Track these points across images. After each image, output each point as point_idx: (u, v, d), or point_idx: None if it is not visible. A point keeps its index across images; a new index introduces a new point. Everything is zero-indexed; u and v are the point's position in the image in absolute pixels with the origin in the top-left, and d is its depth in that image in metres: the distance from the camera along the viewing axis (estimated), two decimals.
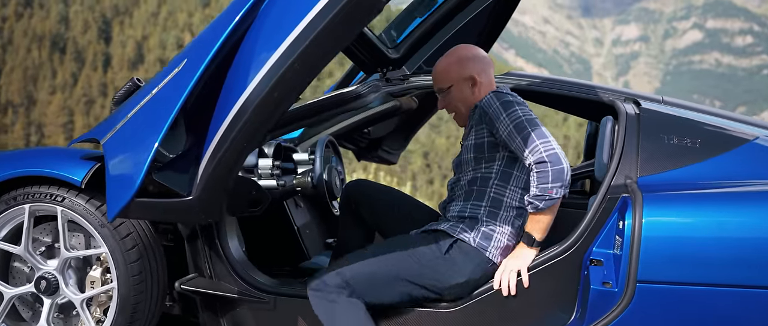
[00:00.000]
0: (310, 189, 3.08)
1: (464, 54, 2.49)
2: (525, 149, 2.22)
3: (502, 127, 2.28)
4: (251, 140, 1.99)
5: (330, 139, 3.28)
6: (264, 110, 1.95)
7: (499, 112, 2.30)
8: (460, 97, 2.48)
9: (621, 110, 2.50)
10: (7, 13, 62.18)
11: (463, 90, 2.46)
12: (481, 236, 2.33)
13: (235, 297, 2.48)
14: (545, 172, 2.20)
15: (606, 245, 2.22)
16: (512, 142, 2.26)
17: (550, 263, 2.30)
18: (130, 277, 2.39)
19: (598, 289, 2.16)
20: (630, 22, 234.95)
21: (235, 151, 2.01)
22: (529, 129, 2.23)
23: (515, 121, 2.26)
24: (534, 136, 2.21)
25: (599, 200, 2.29)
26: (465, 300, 2.34)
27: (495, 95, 2.35)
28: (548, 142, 2.21)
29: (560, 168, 2.19)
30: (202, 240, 2.52)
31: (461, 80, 2.46)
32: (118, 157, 2.13)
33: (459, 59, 2.48)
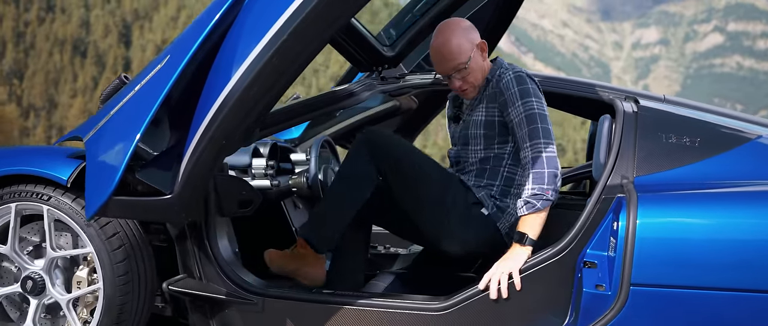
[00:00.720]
0: (305, 189, 3.04)
1: (462, 25, 2.46)
2: (528, 142, 2.27)
3: (515, 113, 2.32)
4: (230, 137, 1.95)
5: (327, 139, 3.23)
6: (242, 107, 1.91)
7: (516, 98, 2.32)
8: (478, 68, 2.44)
9: (619, 108, 2.44)
10: (30, 17, 62.97)
11: (477, 59, 2.43)
12: (496, 207, 2.40)
13: (223, 299, 2.44)
14: (542, 174, 2.26)
15: (600, 247, 2.15)
16: (519, 130, 2.30)
17: (544, 265, 2.24)
18: (116, 277, 2.35)
19: (591, 292, 2.09)
20: (650, 25, 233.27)
21: (213, 149, 1.97)
22: (538, 124, 2.28)
23: (529, 111, 2.30)
24: (541, 134, 2.27)
25: (594, 201, 2.22)
26: (457, 302, 2.28)
27: (516, 78, 2.34)
28: (551, 144, 2.28)
29: (555, 172, 2.27)
30: (191, 240, 2.48)
31: (474, 50, 2.42)
32: (98, 154, 2.10)
33: (463, 30, 2.43)
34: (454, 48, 2.41)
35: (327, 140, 3.24)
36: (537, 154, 2.25)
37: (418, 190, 2.36)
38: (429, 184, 2.36)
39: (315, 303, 2.40)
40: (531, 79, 2.38)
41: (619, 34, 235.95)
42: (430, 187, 2.36)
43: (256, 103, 1.92)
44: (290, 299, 2.41)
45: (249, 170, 3.01)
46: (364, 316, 2.35)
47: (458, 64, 2.41)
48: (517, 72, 2.37)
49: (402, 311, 2.32)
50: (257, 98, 1.91)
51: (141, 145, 2.17)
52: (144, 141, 2.17)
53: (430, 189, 2.36)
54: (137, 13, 70.51)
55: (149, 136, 2.16)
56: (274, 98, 1.98)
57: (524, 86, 2.33)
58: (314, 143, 3.07)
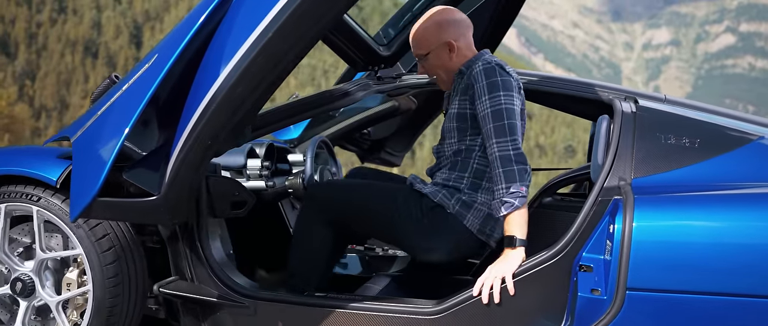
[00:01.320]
0: (301, 191, 3.00)
1: (441, 18, 2.41)
2: (493, 139, 2.21)
3: (481, 108, 2.26)
4: (216, 138, 1.92)
5: (323, 139, 3.19)
6: (227, 106, 1.88)
7: (483, 92, 2.25)
8: (438, 64, 2.42)
9: (617, 108, 2.39)
10: (42, 19, 63.38)
11: (440, 56, 2.41)
12: (461, 204, 2.33)
13: (215, 301, 2.41)
14: (513, 171, 2.20)
15: (596, 250, 2.10)
16: (484, 125, 2.24)
17: (539, 268, 2.19)
18: (106, 279, 2.32)
19: (586, 297, 2.04)
20: (661, 26, 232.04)
21: (199, 149, 1.94)
22: (504, 120, 2.21)
23: (495, 106, 2.23)
24: (507, 130, 2.20)
25: (590, 203, 2.18)
26: (450, 306, 2.24)
27: (485, 71, 2.27)
28: (517, 140, 2.22)
29: (525, 168, 2.22)
30: (183, 242, 2.45)
31: (439, 46, 2.40)
32: (84, 155, 2.07)
33: (436, 24, 2.40)
34: (418, 36, 2.42)
35: (324, 140, 3.20)
36: (504, 152, 2.20)
37: (371, 224, 2.42)
38: (376, 215, 2.38)
39: (307, 307, 2.36)
40: (502, 71, 2.29)
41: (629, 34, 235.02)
42: (378, 217, 2.38)
43: (242, 103, 1.89)
44: (282, 302, 2.37)
45: (244, 171, 2.98)
46: (357, 319, 2.31)
47: (418, 52, 2.44)
48: (486, 64, 2.29)
49: (394, 315, 2.28)
50: (243, 97, 1.87)
51: (129, 145, 2.14)
52: (132, 141, 2.14)
53: (379, 218, 2.38)
54: (148, 14, 70.85)
55: (138, 135, 2.14)
56: (262, 98, 1.94)
57: (492, 79, 2.26)
58: (310, 143, 3.03)
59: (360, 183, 2.54)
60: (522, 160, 2.22)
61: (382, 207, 2.37)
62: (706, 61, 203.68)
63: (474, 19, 3.21)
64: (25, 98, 56.17)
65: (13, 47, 60.49)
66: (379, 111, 3.51)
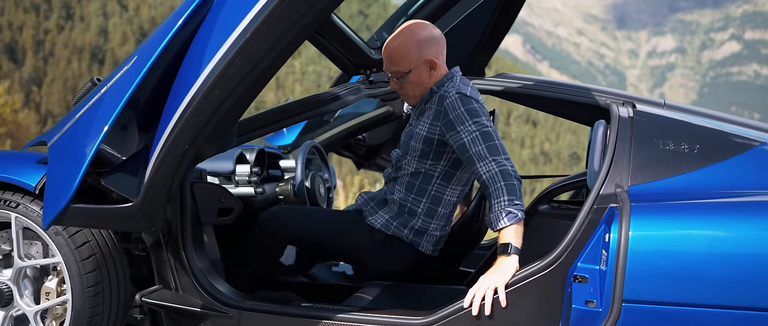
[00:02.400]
0: (292, 197, 2.93)
1: (421, 35, 2.37)
2: (489, 157, 2.20)
3: (466, 132, 2.24)
4: (194, 142, 1.85)
5: (315, 144, 3.12)
6: (205, 110, 1.81)
7: (465, 118, 2.25)
8: (417, 81, 2.38)
9: (614, 113, 2.31)
10: (49, 25, 63.62)
11: (421, 74, 2.37)
12: (414, 233, 2.42)
13: (198, 311, 2.34)
14: (513, 185, 2.19)
15: (591, 260, 2.02)
16: (474, 146, 2.22)
17: (533, 279, 2.12)
18: (85, 288, 2.25)
19: (580, 309, 1.96)
20: (666, 33, 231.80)
21: (177, 153, 1.87)
22: (495, 141, 2.23)
23: (483, 129, 2.24)
24: (500, 149, 2.22)
25: (585, 211, 2.10)
26: (441, 317, 2.16)
27: (460, 99, 2.27)
28: (509, 158, 2.23)
29: (521, 183, 2.24)
30: (167, 250, 2.38)
31: (421, 64, 2.36)
32: (59, 159, 2.00)
33: (418, 41, 2.36)
34: (400, 54, 2.36)
35: (315, 146, 3.13)
36: (504, 167, 2.20)
37: (323, 252, 2.62)
38: (328, 245, 2.52)
39: (293, 317, 2.28)
40: (473, 99, 2.30)
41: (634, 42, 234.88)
42: (331, 247, 2.53)
43: (219, 106, 1.82)
44: (268, 313, 2.29)
45: (232, 177, 2.91)
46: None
47: (398, 70, 2.38)
48: (459, 92, 2.29)
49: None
50: (220, 101, 1.80)
51: (108, 150, 2.08)
52: (112, 145, 2.07)
53: (331, 248, 2.53)
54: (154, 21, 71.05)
55: (118, 139, 2.07)
56: (240, 103, 1.87)
57: (470, 106, 2.27)
58: (301, 149, 2.96)
59: (310, 213, 2.61)
60: (519, 177, 2.23)
61: (333, 238, 2.48)
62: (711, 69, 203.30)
63: (472, 20, 3.15)
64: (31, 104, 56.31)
65: (20, 54, 60.71)
66: (373, 116, 3.44)
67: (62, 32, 64.05)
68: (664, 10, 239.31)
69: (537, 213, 2.70)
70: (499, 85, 2.73)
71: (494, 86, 2.73)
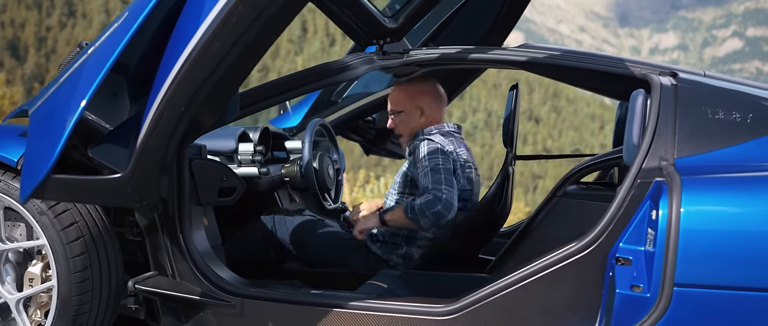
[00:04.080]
0: (298, 179, 2.74)
1: (420, 88, 2.69)
2: (430, 184, 2.40)
3: (420, 168, 2.48)
4: (191, 104, 1.64)
5: (322, 122, 2.91)
6: (204, 65, 1.60)
7: (424, 158, 2.48)
8: (404, 123, 2.68)
9: (655, 82, 2.10)
10: (52, 22, 63.48)
11: (410, 117, 2.67)
12: (402, 258, 2.60)
13: (197, 299, 2.14)
14: (433, 203, 2.37)
15: (635, 240, 1.82)
16: (424, 178, 2.44)
17: (568, 262, 1.91)
18: (72, 274, 2.05)
19: (625, 294, 1.75)
20: (668, 30, 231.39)
21: (172, 117, 1.66)
22: (442, 175, 2.42)
23: (433, 164, 2.45)
24: (442, 180, 2.40)
25: (627, 186, 1.89)
26: (465, 305, 1.96)
27: (427, 142, 2.54)
28: (451, 191, 2.39)
29: (443, 213, 2.37)
30: (163, 233, 2.17)
31: (412, 109, 2.67)
32: (40, 128, 1.79)
33: (414, 91, 2.68)
34: (395, 96, 2.70)
35: (323, 124, 2.92)
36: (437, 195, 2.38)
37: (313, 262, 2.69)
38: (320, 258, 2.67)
39: (301, 305, 2.09)
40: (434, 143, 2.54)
41: (636, 39, 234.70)
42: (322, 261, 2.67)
43: (221, 62, 1.61)
44: (273, 300, 2.10)
45: (235, 156, 2.71)
46: (359, 320, 2.04)
47: (392, 108, 2.71)
48: (425, 138, 2.57)
49: (402, 315, 2.02)
50: (222, 55, 1.60)
51: (96, 119, 1.87)
52: (100, 113, 1.86)
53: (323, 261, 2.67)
54: None
55: (107, 107, 1.87)
56: (244, 57, 1.65)
57: (431, 148, 2.51)
58: (308, 127, 2.75)
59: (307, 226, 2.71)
60: (448, 207, 2.37)
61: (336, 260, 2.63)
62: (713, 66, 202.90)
63: (478, 16, 2.96)
64: None
65: (22, 50, 60.56)
66: (384, 95, 3.23)
67: (64, 29, 63.92)
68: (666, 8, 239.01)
69: (565, 195, 2.49)
70: (522, 56, 2.51)
71: (518, 56, 2.51)
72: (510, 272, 2.51)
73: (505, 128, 2.71)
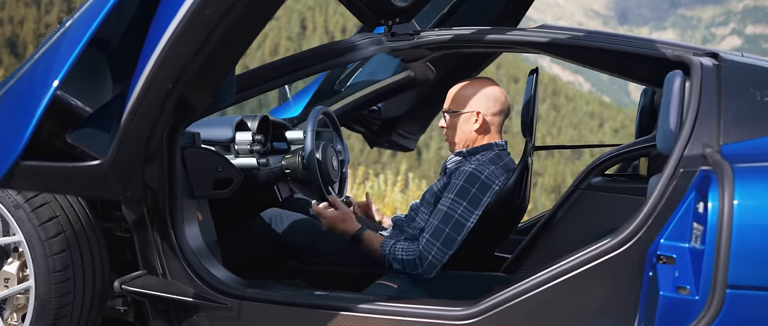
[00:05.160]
0: (300, 171, 2.54)
1: (482, 89, 2.34)
2: (428, 234, 2.13)
3: (445, 197, 2.18)
4: (178, 81, 1.45)
5: (326, 110, 2.72)
6: (193, 34, 1.42)
7: (455, 188, 2.17)
8: (457, 128, 2.32)
9: (694, 62, 1.91)
10: (51, 20, 63.39)
11: (465, 122, 2.32)
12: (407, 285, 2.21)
13: (190, 301, 1.96)
14: (414, 263, 2.12)
15: (679, 236, 1.63)
16: (434, 216, 2.17)
17: (601, 261, 1.72)
18: (51, 273, 1.86)
19: (670, 297, 1.56)
20: (667, 28, 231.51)
21: (158, 95, 1.47)
22: (448, 229, 2.13)
23: (454, 205, 2.15)
24: (445, 236, 2.12)
25: (667, 176, 1.70)
26: (488, 307, 1.78)
27: (469, 175, 2.19)
28: (443, 254, 2.12)
29: (420, 274, 2.13)
30: (153, 228, 1.99)
31: (470, 113, 2.31)
32: (10, 110, 1.60)
33: (477, 92, 2.32)
34: (455, 93, 2.35)
35: (326, 112, 2.72)
36: (425, 253, 2.11)
37: None
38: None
39: (304, 308, 1.91)
40: (482, 185, 2.20)
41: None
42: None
43: (211, 32, 1.44)
44: (273, 302, 1.93)
45: (232, 146, 2.53)
46: (370, 324, 1.85)
47: (448, 106, 2.36)
48: (474, 169, 2.21)
49: (417, 319, 1.84)
50: (212, 23, 1.41)
51: (75, 101, 1.67)
52: (80, 95, 1.67)
53: None
54: None
55: (87, 88, 1.67)
56: (238, 28, 1.46)
57: (467, 187, 2.18)
58: (310, 115, 2.56)
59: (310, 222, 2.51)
60: (428, 270, 2.12)
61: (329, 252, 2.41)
62: None
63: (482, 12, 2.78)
64: None
65: (21, 48, 60.44)
66: (391, 83, 3.04)
67: None
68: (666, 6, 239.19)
69: (589, 187, 2.30)
70: (544, 37, 2.32)
71: (539, 37, 2.32)
72: (528, 271, 2.33)
73: (523, 116, 2.52)
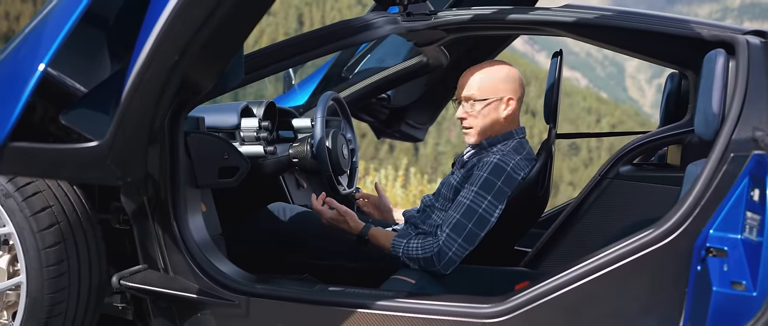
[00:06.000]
0: (309, 160, 2.41)
1: (508, 73, 2.15)
2: (448, 228, 1.99)
3: (467, 189, 2.04)
4: (185, 52, 1.31)
5: (336, 96, 2.57)
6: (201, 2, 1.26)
7: (477, 182, 2.02)
8: (486, 117, 2.11)
9: (740, 41, 1.79)
10: None
11: (493, 110, 2.12)
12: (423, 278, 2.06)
13: (195, 298, 1.83)
14: (431, 260, 1.98)
15: (730, 227, 1.50)
16: (454, 209, 2.02)
17: (642, 254, 1.59)
18: (44, 268, 1.73)
19: (724, 292, 1.42)
20: None
21: (162, 69, 1.33)
22: (471, 224, 1.99)
23: (474, 204, 2.00)
24: (465, 231, 1.98)
25: (714, 162, 1.57)
26: (518, 305, 1.64)
27: (494, 167, 2.04)
28: (463, 250, 1.99)
29: (438, 270, 1.99)
30: (154, 220, 1.85)
31: (499, 100, 2.11)
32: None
33: (504, 75, 2.13)
34: (479, 80, 2.12)
35: (336, 98, 2.58)
36: (446, 249, 1.97)
37: None
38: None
39: (319, 305, 1.77)
40: (508, 177, 2.05)
41: None
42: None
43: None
44: (285, 299, 1.79)
45: (237, 133, 2.40)
46: (390, 323, 1.73)
47: (471, 96, 2.13)
48: (500, 160, 2.06)
49: (441, 317, 1.71)
50: None
51: (69, 80, 1.53)
52: (74, 72, 1.53)
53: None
54: None
55: (82, 64, 1.53)
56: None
57: (492, 179, 2.03)
58: (320, 101, 2.42)
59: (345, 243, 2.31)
60: (446, 265, 1.98)
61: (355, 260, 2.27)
62: None
63: None
64: None
65: None
66: (402, 69, 2.90)
67: None
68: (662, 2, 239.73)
69: (618, 176, 2.16)
70: (570, 16, 2.18)
71: (564, 17, 2.18)
72: (552, 266, 2.19)
73: (547, 101, 2.37)
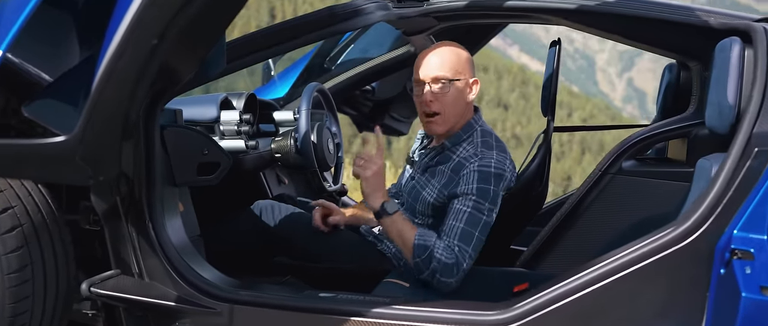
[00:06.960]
0: (293, 155, 2.27)
1: (467, 54, 2.02)
2: (457, 238, 1.82)
3: (461, 195, 1.88)
4: (163, 36, 1.17)
5: (320, 88, 2.44)
6: None
7: (468, 189, 1.87)
8: (457, 101, 1.95)
9: (757, 29, 1.70)
10: None
11: (462, 93, 1.96)
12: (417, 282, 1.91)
13: (172, 306, 1.71)
14: (450, 270, 1.78)
15: (756, 226, 1.41)
16: (456, 218, 1.85)
17: (659, 256, 1.49)
18: (5, 275, 1.60)
19: (754, 299, 1.32)
20: None
21: (138, 55, 1.19)
22: (477, 230, 1.84)
23: (475, 210, 1.85)
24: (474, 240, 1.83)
25: (736, 156, 1.48)
26: (526, 312, 1.54)
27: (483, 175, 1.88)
28: (472, 259, 1.84)
29: (450, 284, 1.80)
30: (128, 221, 1.72)
31: (466, 81, 1.97)
32: None
33: (466, 58, 2.00)
34: (448, 60, 1.96)
35: (321, 89, 2.45)
36: (462, 260, 1.80)
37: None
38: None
39: (308, 313, 1.65)
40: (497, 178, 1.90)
41: None
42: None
43: None
44: (271, 306, 1.67)
45: (216, 127, 2.28)
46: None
47: (442, 76, 1.95)
48: (480, 166, 1.90)
49: (437, 325, 1.57)
50: None
51: (32, 68, 1.38)
52: (37, 59, 1.38)
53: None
54: None
55: (46, 52, 1.38)
56: None
57: (484, 187, 1.88)
58: (305, 92, 2.28)
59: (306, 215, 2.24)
60: (451, 274, 1.80)
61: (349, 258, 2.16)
62: None
63: None
64: None
65: None
66: (389, 59, 2.79)
67: None
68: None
69: (620, 172, 2.06)
70: (570, 3, 2.08)
71: (564, 4, 2.08)
72: (551, 266, 2.10)
73: (545, 92, 2.27)
